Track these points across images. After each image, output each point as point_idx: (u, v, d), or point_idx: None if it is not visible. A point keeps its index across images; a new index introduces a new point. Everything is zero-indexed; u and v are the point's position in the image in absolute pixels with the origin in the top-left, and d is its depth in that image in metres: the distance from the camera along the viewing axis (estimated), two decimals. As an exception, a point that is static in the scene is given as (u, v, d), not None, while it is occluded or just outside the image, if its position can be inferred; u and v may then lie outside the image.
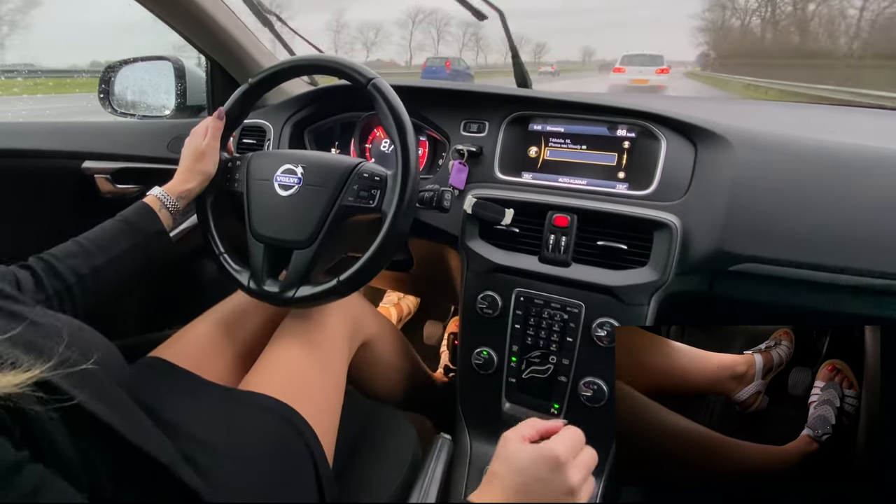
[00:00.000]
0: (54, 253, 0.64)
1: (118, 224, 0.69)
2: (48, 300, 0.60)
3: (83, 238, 0.66)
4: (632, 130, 0.79)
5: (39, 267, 0.61)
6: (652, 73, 15.07)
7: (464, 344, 0.82)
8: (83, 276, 0.63)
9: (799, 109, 1.09)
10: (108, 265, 0.65)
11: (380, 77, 0.71)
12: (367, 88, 0.70)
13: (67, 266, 0.62)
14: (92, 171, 1.06)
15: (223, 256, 0.77)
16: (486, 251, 0.79)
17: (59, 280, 0.61)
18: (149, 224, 0.70)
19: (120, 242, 0.67)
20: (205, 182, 0.76)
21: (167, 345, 0.74)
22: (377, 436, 0.76)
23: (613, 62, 17.62)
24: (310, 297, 0.70)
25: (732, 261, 0.70)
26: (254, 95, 0.79)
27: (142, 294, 1.18)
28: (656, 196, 0.74)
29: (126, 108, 1.15)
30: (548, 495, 0.47)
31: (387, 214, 0.68)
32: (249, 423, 0.61)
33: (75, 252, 0.64)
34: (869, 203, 0.66)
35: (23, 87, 6.05)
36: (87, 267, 0.64)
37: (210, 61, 1.09)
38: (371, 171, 0.70)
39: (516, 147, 0.84)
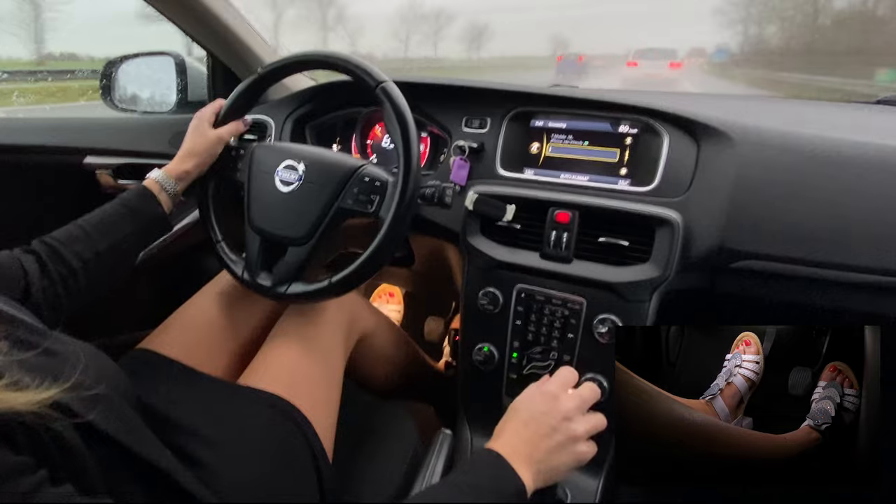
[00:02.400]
0: (58, 237, 0.63)
1: (119, 208, 0.68)
2: (53, 286, 0.60)
3: (84, 222, 0.66)
4: (634, 126, 0.79)
5: (44, 251, 0.61)
6: (665, 66, 15.03)
7: (465, 340, 0.82)
8: (87, 261, 0.63)
9: (801, 105, 1.09)
10: (110, 249, 0.65)
11: (390, 81, 0.70)
12: (376, 91, 0.70)
13: (72, 251, 0.62)
14: (94, 167, 1.06)
15: (220, 244, 0.77)
16: (487, 247, 0.79)
17: (64, 265, 0.61)
18: (149, 208, 0.70)
19: (121, 226, 0.67)
20: (202, 165, 0.76)
21: (155, 335, 0.73)
22: (377, 431, 0.76)
23: (594, 57, 17.52)
24: (301, 294, 0.70)
25: (734, 257, 0.70)
26: (262, 86, 0.79)
27: (141, 291, 1.18)
28: (658, 192, 0.74)
29: (127, 103, 1.15)
30: (550, 424, 0.55)
31: (384, 221, 0.67)
32: (249, 417, 0.61)
33: (79, 236, 0.64)
34: (871, 200, 0.66)
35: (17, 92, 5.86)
36: (91, 251, 0.64)
37: (211, 56, 1.09)
38: (372, 176, 0.70)
39: (518, 143, 0.84)
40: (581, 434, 0.56)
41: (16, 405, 0.35)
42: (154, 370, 0.67)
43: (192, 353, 0.71)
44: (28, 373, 0.39)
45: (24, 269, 0.58)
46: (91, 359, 0.47)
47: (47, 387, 0.38)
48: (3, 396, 0.35)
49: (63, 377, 0.40)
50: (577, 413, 0.56)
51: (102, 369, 0.49)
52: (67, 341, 0.48)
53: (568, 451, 0.54)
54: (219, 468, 0.55)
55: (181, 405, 0.60)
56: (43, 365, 0.42)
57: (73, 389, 0.40)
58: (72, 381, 0.40)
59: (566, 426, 0.55)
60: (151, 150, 1.07)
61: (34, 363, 0.41)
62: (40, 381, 0.38)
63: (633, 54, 16.10)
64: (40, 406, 0.36)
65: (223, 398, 0.64)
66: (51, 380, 0.39)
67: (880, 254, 0.64)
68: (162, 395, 0.60)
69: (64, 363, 0.43)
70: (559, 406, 0.56)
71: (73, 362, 0.43)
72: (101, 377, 0.44)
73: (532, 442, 0.54)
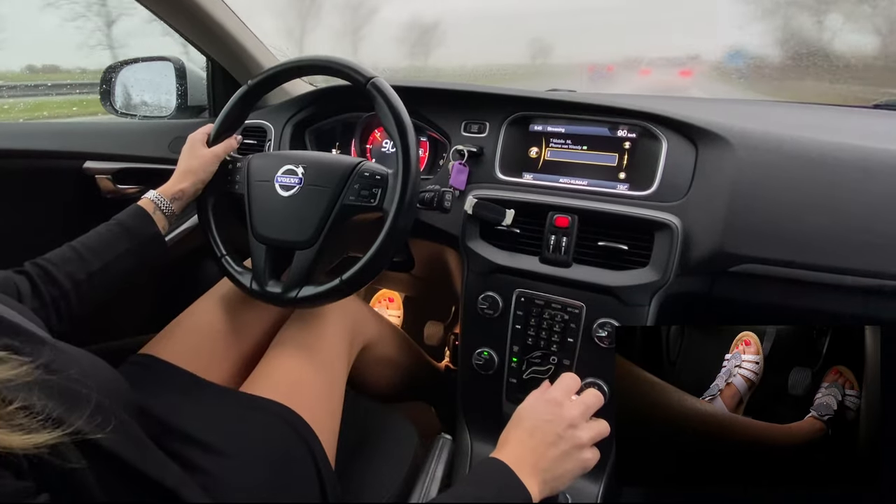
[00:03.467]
0: (50, 258, 0.63)
1: (113, 228, 0.68)
2: (44, 307, 0.59)
3: (78, 243, 0.65)
4: (632, 131, 0.79)
5: (35, 273, 0.60)
6: (675, 74, 14.76)
7: (464, 344, 0.82)
8: (79, 282, 0.62)
9: (800, 110, 1.09)
10: (103, 270, 0.65)
11: (379, 77, 0.71)
12: (367, 88, 0.70)
13: (64, 272, 0.62)
14: (93, 172, 1.06)
15: (225, 259, 0.76)
16: (486, 252, 0.79)
17: (55, 287, 0.61)
18: (144, 227, 0.69)
19: (115, 247, 0.66)
20: (198, 184, 0.76)
21: (157, 340, 0.73)
22: (378, 436, 0.76)
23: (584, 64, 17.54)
24: (313, 296, 0.70)
25: (733, 261, 0.70)
26: (253, 97, 0.79)
27: (142, 295, 1.18)
28: (657, 196, 0.74)
29: (127, 108, 1.16)
30: (555, 432, 0.54)
31: (388, 213, 0.68)
32: (251, 425, 0.61)
33: (71, 258, 0.63)
34: (869, 204, 0.66)
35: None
36: (84, 272, 0.63)
37: (211, 62, 1.09)
38: (372, 170, 0.70)
39: (517, 147, 0.84)
40: (586, 441, 0.55)
41: (14, 447, 0.34)
42: (156, 376, 0.67)
43: (194, 360, 0.71)
44: (40, 398, 0.38)
45: (17, 290, 0.58)
46: (91, 369, 0.47)
47: (51, 427, 0.36)
48: (3, 437, 0.33)
49: (74, 415, 0.39)
50: (581, 420, 0.56)
51: (103, 380, 0.48)
52: (66, 349, 0.48)
53: (573, 459, 0.54)
54: (220, 475, 0.54)
55: (183, 412, 0.60)
56: (56, 392, 0.40)
57: (75, 434, 0.38)
58: (76, 426, 0.38)
59: (571, 434, 0.54)
60: (151, 155, 1.07)
61: (49, 387, 0.40)
62: (52, 408, 0.37)
63: (647, 62, 15.94)
64: (38, 448, 0.35)
65: (225, 405, 0.64)
66: (62, 411, 0.38)
67: (879, 257, 0.64)
68: (163, 401, 0.60)
69: (76, 395, 0.41)
70: (564, 414, 0.55)
71: (86, 395, 0.42)
72: (101, 388, 0.43)
73: (537, 451, 0.53)
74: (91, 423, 0.40)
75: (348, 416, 0.72)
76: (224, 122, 0.78)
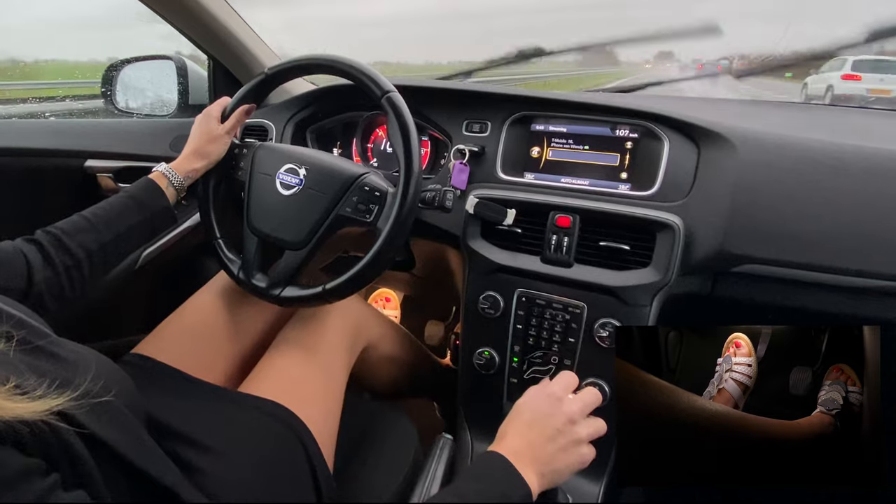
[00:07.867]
0: (62, 227, 0.63)
1: (125, 200, 0.68)
2: (57, 276, 0.59)
3: (90, 213, 0.66)
4: (634, 131, 0.79)
5: (47, 240, 0.60)
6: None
7: (465, 344, 0.82)
8: (92, 252, 0.63)
9: (801, 111, 1.09)
10: (115, 241, 0.65)
11: (395, 91, 0.70)
12: (382, 101, 0.70)
13: (77, 241, 0.62)
14: (94, 170, 1.06)
15: (218, 241, 0.77)
16: (488, 251, 0.79)
17: (68, 255, 0.61)
18: (155, 200, 0.70)
19: (127, 218, 0.67)
20: (210, 165, 0.76)
21: (151, 339, 0.73)
22: (378, 436, 0.76)
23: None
24: (294, 298, 0.70)
25: (735, 262, 0.70)
26: (270, 85, 0.79)
27: (142, 293, 1.18)
28: (659, 196, 0.74)
29: (128, 107, 1.16)
30: (554, 426, 0.55)
31: (381, 232, 0.67)
32: (248, 425, 0.61)
33: (84, 227, 0.64)
34: (871, 204, 0.66)
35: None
36: (96, 243, 0.63)
37: (212, 60, 1.09)
38: (372, 185, 0.70)
39: (518, 147, 0.84)
40: (584, 437, 0.55)
41: (23, 414, 0.34)
42: (150, 376, 0.66)
43: (189, 359, 0.71)
44: (36, 376, 0.38)
45: (26, 259, 0.58)
46: (101, 366, 0.47)
47: (55, 395, 0.37)
48: (8, 405, 0.34)
49: (73, 385, 0.39)
50: (580, 416, 0.56)
51: (112, 378, 0.48)
52: (73, 347, 0.48)
53: (571, 454, 0.54)
54: (216, 475, 0.54)
55: (179, 412, 0.60)
56: (51, 369, 0.41)
57: (81, 398, 0.39)
58: (80, 390, 0.39)
59: (570, 429, 0.55)
60: (152, 154, 1.07)
61: (42, 367, 0.41)
62: (48, 386, 0.38)
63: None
64: (46, 414, 0.36)
65: (218, 404, 0.64)
66: (58, 385, 0.38)
67: (880, 258, 0.64)
68: (159, 401, 0.60)
69: (72, 369, 0.42)
70: (563, 408, 0.56)
71: (83, 369, 0.43)
72: (110, 385, 0.43)
73: (536, 444, 0.54)
74: (96, 384, 0.41)
75: (349, 416, 0.72)
76: (239, 103, 0.78)
